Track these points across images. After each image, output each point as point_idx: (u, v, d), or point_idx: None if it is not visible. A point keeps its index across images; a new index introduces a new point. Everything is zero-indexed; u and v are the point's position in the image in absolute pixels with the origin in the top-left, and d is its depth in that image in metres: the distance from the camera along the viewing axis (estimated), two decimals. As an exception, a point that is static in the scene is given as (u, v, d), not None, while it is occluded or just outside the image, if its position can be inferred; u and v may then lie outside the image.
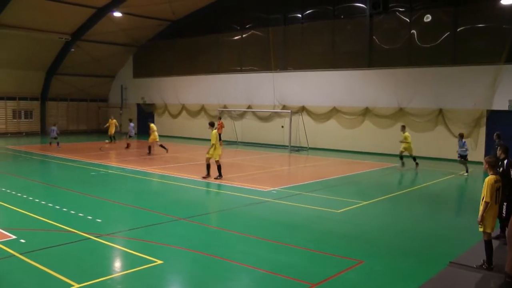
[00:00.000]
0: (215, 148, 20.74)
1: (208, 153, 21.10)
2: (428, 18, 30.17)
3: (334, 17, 34.73)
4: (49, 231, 12.70)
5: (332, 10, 34.80)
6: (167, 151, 30.64)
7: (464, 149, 23.45)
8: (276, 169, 25.93)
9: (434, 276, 9.63)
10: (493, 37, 28.12)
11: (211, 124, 21.35)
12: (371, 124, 32.51)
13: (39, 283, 9.27)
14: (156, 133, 30.65)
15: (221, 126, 35.06)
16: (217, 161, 20.97)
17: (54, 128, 34.41)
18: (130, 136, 36.34)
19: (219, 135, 34.86)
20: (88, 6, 39.33)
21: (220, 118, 36.45)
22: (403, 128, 26.36)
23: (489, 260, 9.73)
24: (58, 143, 33.58)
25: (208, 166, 21.31)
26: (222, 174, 21.08)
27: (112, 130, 37.73)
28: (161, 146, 30.87)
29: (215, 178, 20.88)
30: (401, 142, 25.66)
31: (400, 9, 31.53)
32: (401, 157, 25.64)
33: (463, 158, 23.57)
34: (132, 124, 36.77)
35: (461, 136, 23.78)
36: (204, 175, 21.29)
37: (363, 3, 32.99)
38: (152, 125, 30.92)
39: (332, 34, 34.80)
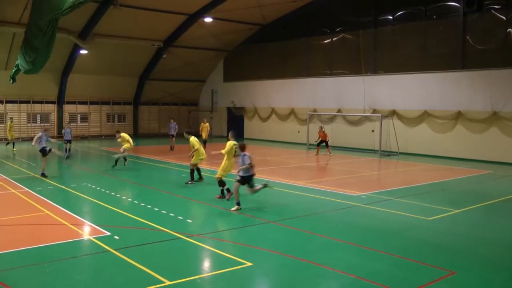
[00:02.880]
0: (198, 153, 20.32)
1: (194, 158, 20.51)
2: (527, 15, 28.77)
3: (426, 17, 33.82)
4: (141, 229, 13.00)
5: (424, 10, 33.92)
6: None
7: (245, 168, 15.79)
8: (365, 174, 25.53)
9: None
10: None
11: (189, 132, 21.04)
12: (463, 129, 31.36)
13: (132, 278, 9.52)
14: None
15: (324, 134, 33.74)
16: (195, 165, 20.67)
17: (68, 129, 32.03)
18: (172, 136, 35.69)
19: (325, 141, 33.41)
20: (180, 13, 40.20)
21: (321, 128, 34.71)
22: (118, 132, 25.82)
23: None
24: (67, 150, 31.15)
25: (194, 171, 20.84)
26: (195, 179, 20.91)
27: (205, 134, 36.77)
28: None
29: (186, 183, 20.68)
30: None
31: (496, 7, 30.20)
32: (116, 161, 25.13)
33: (244, 180, 15.93)
34: (173, 124, 36.27)
35: (241, 148, 16.04)
36: (190, 181, 20.82)
37: (457, 2, 31.90)
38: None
39: (423, 36, 33.92)
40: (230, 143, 17.56)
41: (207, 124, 37.48)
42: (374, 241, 12.34)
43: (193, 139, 20.38)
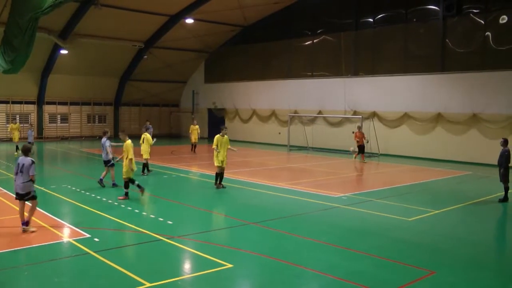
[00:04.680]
0: (132, 163, 17.29)
1: (126, 170, 17.39)
2: (503, 19, 28.94)
3: (406, 20, 34.04)
4: (122, 231, 12.95)
5: (404, 13, 34.14)
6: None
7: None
8: (346, 175, 25.61)
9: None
10: None
11: (124, 132, 18.29)
12: (443, 131, 31.63)
13: (112, 280, 9.48)
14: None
15: (360, 137, 30.54)
16: (127, 178, 17.43)
17: (30, 131, 31.51)
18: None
19: (361, 146, 30.51)
20: (161, 14, 40.10)
21: (359, 128, 31.21)
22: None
23: None
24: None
25: (127, 185, 17.57)
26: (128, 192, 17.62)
27: (195, 137, 34.46)
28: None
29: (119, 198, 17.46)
30: None
31: (474, 11, 30.52)
32: None
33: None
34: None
35: (24, 151, 13.30)
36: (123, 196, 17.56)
37: (436, 6, 32.21)
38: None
39: (404, 38, 34.12)
40: (128, 143, 17.30)
41: (197, 126, 35.36)
42: (354, 242, 12.40)
43: (128, 144, 17.43)
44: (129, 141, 17.47)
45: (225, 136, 20.10)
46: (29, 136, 31.26)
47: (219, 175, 20.13)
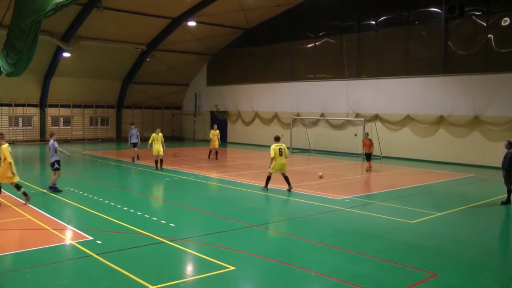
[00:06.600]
0: (11, 167, 16.36)
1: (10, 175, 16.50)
2: (506, 21, 28.97)
3: (408, 23, 34.04)
4: (124, 234, 12.93)
5: (406, 16, 34.14)
6: None
7: None
8: (348, 178, 25.59)
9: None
10: None
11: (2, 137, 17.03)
12: (446, 133, 31.63)
13: (115, 283, 9.48)
14: None
15: (368, 144, 27.85)
16: (12, 183, 16.69)
17: None
18: (134, 145, 30.70)
19: (369, 155, 28.11)
20: (164, 16, 40.12)
21: (367, 135, 28.62)
22: None
23: None
24: None
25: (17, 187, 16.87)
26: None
27: (215, 144, 32.18)
28: None
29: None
30: None
31: (477, 13, 30.55)
32: None
33: None
34: (134, 131, 31.40)
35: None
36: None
37: (439, 8, 32.22)
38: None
39: (406, 40, 34.11)
40: (4, 148, 16.38)
41: (218, 131, 32.77)
42: (357, 244, 12.38)
43: (4, 148, 16.42)
44: (5, 145, 16.45)
45: (282, 145, 20.52)
46: None
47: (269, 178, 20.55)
